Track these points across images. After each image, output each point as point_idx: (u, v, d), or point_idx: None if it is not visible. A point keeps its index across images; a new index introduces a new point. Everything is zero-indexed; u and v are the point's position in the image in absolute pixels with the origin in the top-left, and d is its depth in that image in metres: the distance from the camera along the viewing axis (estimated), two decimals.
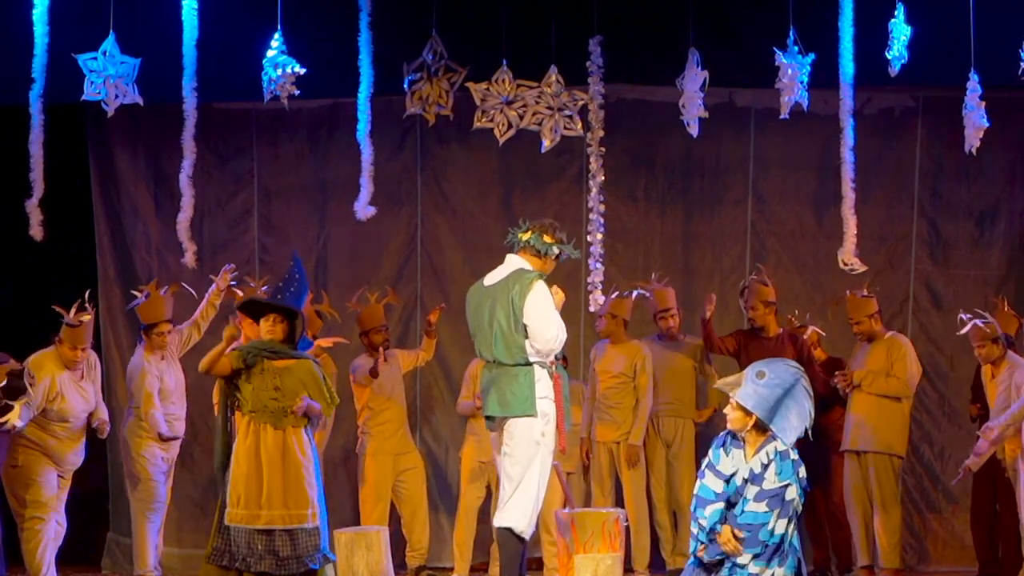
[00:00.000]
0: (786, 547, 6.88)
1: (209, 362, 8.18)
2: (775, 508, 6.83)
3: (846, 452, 9.99)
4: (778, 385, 6.93)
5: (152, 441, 9.65)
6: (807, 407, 6.96)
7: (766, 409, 6.88)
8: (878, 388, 9.83)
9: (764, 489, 6.84)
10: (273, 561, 8.12)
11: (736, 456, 6.95)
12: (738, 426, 6.96)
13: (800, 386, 6.98)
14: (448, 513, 10.91)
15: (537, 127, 10.13)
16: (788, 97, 9.74)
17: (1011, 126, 10.67)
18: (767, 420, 6.90)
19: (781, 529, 6.82)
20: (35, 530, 9.20)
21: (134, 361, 9.83)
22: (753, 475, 6.87)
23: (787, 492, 6.84)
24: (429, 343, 10.51)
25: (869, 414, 9.87)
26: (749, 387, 6.94)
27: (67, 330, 9.20)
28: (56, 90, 10.07)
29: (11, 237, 10.51)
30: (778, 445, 6.89)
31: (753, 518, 6.84)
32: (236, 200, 11.40)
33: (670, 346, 10.39)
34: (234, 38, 10.03)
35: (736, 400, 6.94)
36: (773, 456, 6.87)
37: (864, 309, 10.01)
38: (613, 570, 8.48)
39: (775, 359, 7.29)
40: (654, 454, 10.31)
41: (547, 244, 7.94)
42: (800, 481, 6.88)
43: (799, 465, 6.90)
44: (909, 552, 10.92)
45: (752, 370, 7.00)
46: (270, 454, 8.18)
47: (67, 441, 9.32)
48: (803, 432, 7.00)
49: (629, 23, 10.23)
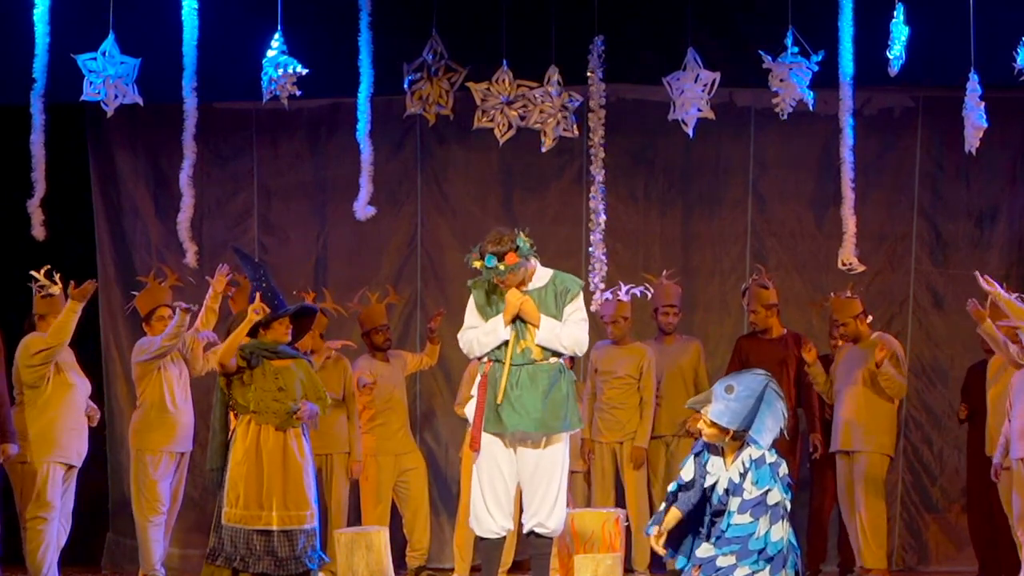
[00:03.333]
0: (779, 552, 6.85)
1: (231, 346, 8.21)
2: (760, 516, 6.77)
3: (837, 453, 9.99)
4: (748, 396, 6.88)
5: (157, 439, 9.60)
6: (780, 408, 6.93)
7: (739, 421, 6.86)
8: (889, 380, 9.77)
9: (745, 500, 6.81)
10: (272, 561, 8.13)
11: (716, 464, 6.93)
12: (715, 441, 6.94)
13: (770, 390, 6.94)
14: (448, 513, 10.92)
15: (539, 126, 10.13)
16: (788, 99, 9.75)
17: (1011, 126, 10.68)
18: (743, 429, 6.88)
19: (777, 535, 6.77)
20: (38, 530, 9.18)
21: (141, 341, 9.70)
22: (733, 486, 6.85)
23: (769, 497, 6.78)
24: (433, 348, 10.53)
25: (859, 414, 9.87)
26: (720, 404, 6.89)
27: (42, 302, 9.14)
28: (56, 90, 10.08)
29: (12, 237, 10.52)
30: (752, 452, 6.83)
31: (741, 531, 6.79)
32: (236, 200, 11.40)
33: (670, 346, 10.39)
34: (234, 38, 10.04)
35: (710, 418, 6.90)
36: (749, 465, 6.83)
37: (849, 310, 10.00)
38: (613, 570, 8.49)
39: (740, 372, 7.25)
40: (654, 454, 10.31)
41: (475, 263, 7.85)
42: (782, 481, 6.82)
43: (778, 466, 6.84)
44: (909, 552, 10.94)
45: (720, 386, 6.93)
46: (271, 455, 8.20)
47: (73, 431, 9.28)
48: (779, 433, 6.98)
49: (629, 23, 10.24)
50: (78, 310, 9.09)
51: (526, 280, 7.70)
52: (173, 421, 9.59)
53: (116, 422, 11.14)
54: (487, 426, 7.65)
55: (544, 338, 7.66)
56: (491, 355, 7.72)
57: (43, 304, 9.19)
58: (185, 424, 9.67)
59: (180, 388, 9.66)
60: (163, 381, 9.56)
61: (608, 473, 10.25)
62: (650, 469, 10.29)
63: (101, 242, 11.31)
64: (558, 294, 7.73)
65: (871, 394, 9.90)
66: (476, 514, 7.74)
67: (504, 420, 7.60)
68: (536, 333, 7.66)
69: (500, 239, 7.62)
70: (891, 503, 10.85)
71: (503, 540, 7.78)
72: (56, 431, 9.19)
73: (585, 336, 7.74)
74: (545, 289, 7.72)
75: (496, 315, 7.70)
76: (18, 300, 9.54)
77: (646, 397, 10.21)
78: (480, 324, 7.74)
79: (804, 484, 10.61)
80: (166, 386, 9.57)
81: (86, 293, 9.09)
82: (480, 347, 7.72)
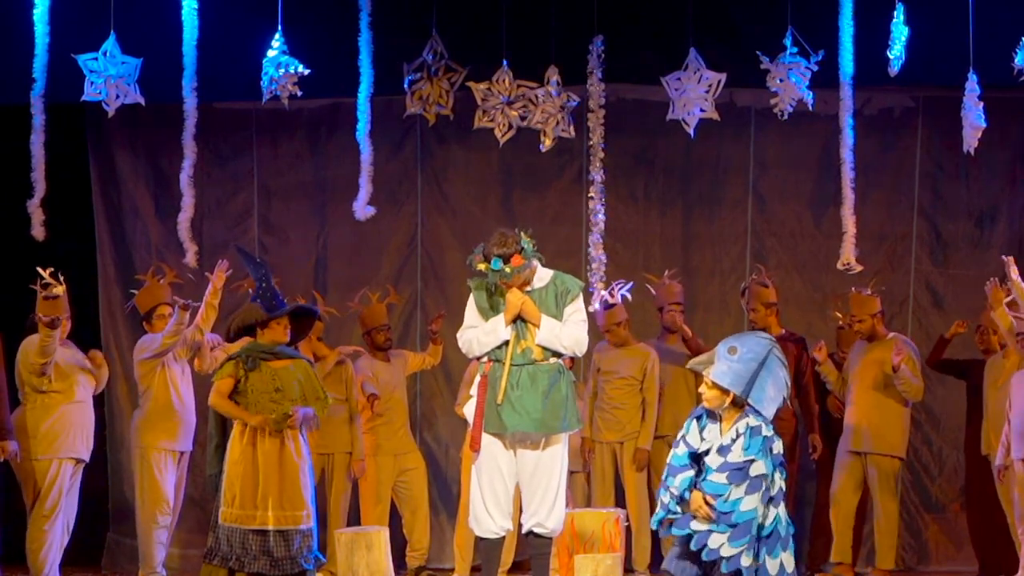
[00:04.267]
0: (776, 534, 6.78)
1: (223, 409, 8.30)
2: (735, 482, 6.67)
3: (847, 451, 9.99)
4: (752, 359, 6.78)
5: (162, 437, 9.59)
6: (783, 376, 6.84)
7: (742, 385, 6.76)
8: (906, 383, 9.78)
9: (728, 461, 6.69)
10: (268, 561, 8.14)
11: (712, 431, 6.81)
12: (715, 404, 6.81)
13: (773, 356, 6.83)
14: (448, 513, 10.92)
15: (540, 126, 10.13)
16: (787, 100, 9.75)
17: (1011, 126, 10.67)
18: (744, 395, 6.76)
19: (748, 506, 6.66)
20: (42, 530, 9.18)
21: (143, 339, 9.69)
22: (721, 447, 6.76)
23: (752, 467, 6.67)
24: (436, 349, 10.53)
25: (871, 415, 9.88)
26: (723, 364, 6.79)
27: (45, 304, 9.14)
28: (57, 90, 10.08)
29: (12, 237, 10.51)
30: (750, 420, 6.73)
31: (711, 488, 6.71)
32: (236, 200, 11.40)
33: (673, 346, 10.39)
34: (234, 38, 10.04)
35: (712, 379, 6.82)
36: (744, 431, 6.72)
37: (868, 307, 10.01)
38: (613, 570, 8.49)
39: (745, 333, 7.15)
40: (656, 454, 10.29)
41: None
42: (774, 458, 6.72)
43: (772, 441, 6.75)
44: (909, 552, 10.94)
45: (723, 346, 6.84)
46: (267, 455, 8.20)
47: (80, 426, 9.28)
48: (782, 402, 6.89)
49: (629, 23, 10.23)
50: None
51: (528, 280, 7.70)
52: (178, 419, 9.59)
53: (116, 422, 11.14)
54: (487, 426, 7.66)
55: (544, 338, 7.66)
56: (491, 355, 7.72)
57: (45, 306, 9.17)
58: (188, 422, 9.67)
59: (184, 386, 9.67)
60: (167, 379, 9.56)
61: (608, 473, 10.25)
62: (651, 469, 10.29)
63: (101, 242, 11.31)
64: (559, 295, 7.73)
65: (884, 396, 9.90)
66: (475, 514, 7.74)
67: (504, 420, 7.60)
68: (536, 333, 7.66)
69: (504, 241, 7.60)
70: None
71: (503, 540, 7.79)
72: (62, 428, 9.20)
73: (585, 337, 7.74)
74: (546, 289, 7.73)
75: (496, 315, 7.70)
76: (18, 300, 9.53)
77: (649, 399, 10.21)
78: (480, 324, 7.74)
79: (806, 482, 10.63)
80: (171, 383, 9.57)
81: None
82: (480, 347, 7.72)
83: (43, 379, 9.18)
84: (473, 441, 7.74)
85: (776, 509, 6.80)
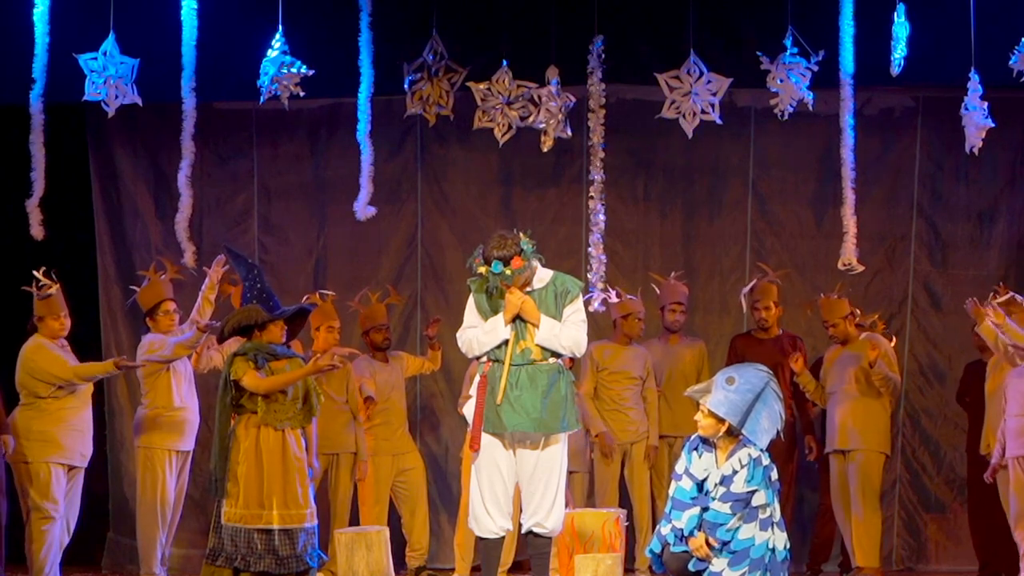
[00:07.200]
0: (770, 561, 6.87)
1: (284, 383, 8.25)
2: (738, 511, 6.84)
3: (831, 453, 9.98)
4: (748, 390, 6.91)
5: (166, 437, 9.58)
6: (778, 410, 6.96)
7: (738, 415, 6.87)
8: (883, 379, 9.78)
9: (731, 491, 6.85)
10: (273, 560, 8.14)
11: (707, 460, 6.96)
12: (710, 432, 6.96)
13: (770, 389, 6.98)
14: (448, 513, 10.92)
15: (541, 126, 10.12)
16: (787, 100, 9.75)
17: (1011, 126, 10.66)
18: (739, 426, 6.89)
19: (746, 534, 6.82)
20: (41, 530, 9.17)
21: (149, 338, 9.67)
22: (724, 478, 6.88)
23: (754, 498, 6.85)
24: (435, 355, 10.54)
25: (854, 414, 9.87)
26: (720, 394, 6.92)
27: (41, 304, 9.14)
28: (56, 90, 10.08)
29: (11, 237, 10.51)
30: (751, 451, 6.89)
31: (713, 516, 6.86)
32: (236, 200, 11.40)
33: (675, 346, 10.40)
34: (234, 38, 10.04)
35: (708, 407, 6.92)
36: (747, 462, 6.88)
37: (838, 311, 10.01)
38: (613, 570, 8.48)
39: (743, 364, 7.27)
40: (657, 454, 10.32)
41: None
42: (772, 486, 6.89)
43: (771, 470, 6.91)
44: (908, 551, 10.94)
45: (721, 376, 6.98)
46: (271, 454, 8.20)
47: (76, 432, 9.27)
48: (775, 435, 7.01)
49: (629, 23, 10.23)
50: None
51: (528, 281, 7.70)
52: (181, 419, 9.60)
53: (116, 422, 11.14)
54: (487, 426, 7.66)
55: (544, 338, 7.65)
56: (490, 355, 7.72)
57: (42, 306, 9.18)
58: (191, 422, 9.68)
59: (186, 385, 9.68)
60: (171, 379, 9.57)
61: (615, 473, 10.25)
62: (653, 469, 10.30)
63: (101, 242, 11.31)
64: (558, 295, 7.73)
65: (863, 394, 9.89)
66: (475, 514, 7.74)
67: (504, 420, 7.60)
68: (536, 333, 7.66)
69: (504, 243, 7.58)
70: (890, 502, 10.88)
71: (502, 540, 7.78)
72: (57, 432, 9.17)
73: (584, 337, 7.74)
74: (545, 290, 7.72)
75: (496, 315, 7.70)
76: (18, 300, 9.53)
77: (651, 397, 10.27)
78: (480, 324, 7.73)
79: (804, 483, 10.63)
80: (174, 383, 9.58)
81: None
82: (479, 346, 7.72)
83: (49, 387, 9.16)
84: (473, 441, 7.74)
85: (783, 533, 6.91)
